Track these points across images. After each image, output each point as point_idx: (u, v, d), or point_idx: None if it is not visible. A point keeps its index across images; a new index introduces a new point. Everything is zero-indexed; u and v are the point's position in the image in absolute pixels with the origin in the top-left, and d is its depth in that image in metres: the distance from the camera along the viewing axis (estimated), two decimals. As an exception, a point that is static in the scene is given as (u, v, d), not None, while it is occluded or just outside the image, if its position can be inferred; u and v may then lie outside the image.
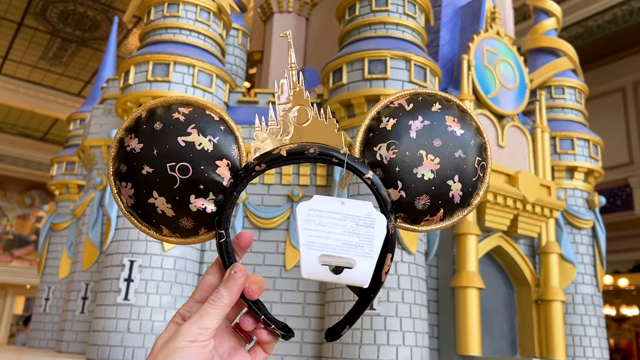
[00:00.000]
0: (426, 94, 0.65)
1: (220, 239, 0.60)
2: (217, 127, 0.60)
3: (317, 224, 0.57)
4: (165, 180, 0.58)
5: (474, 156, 0.62)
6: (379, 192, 0.60)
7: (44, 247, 5.16)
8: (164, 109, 0.61)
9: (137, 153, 0.59)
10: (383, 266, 0.60)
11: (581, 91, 4.74)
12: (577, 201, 4.40)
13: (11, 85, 12.03)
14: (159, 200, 0.58)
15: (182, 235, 0.61)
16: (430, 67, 3.41)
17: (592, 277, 4.27)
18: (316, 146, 0.60)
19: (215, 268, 0.60)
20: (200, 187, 0.58)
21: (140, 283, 3.15)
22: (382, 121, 0.61)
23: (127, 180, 0.59)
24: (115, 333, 3.07)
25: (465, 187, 0.61)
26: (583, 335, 4.07)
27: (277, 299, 3.36)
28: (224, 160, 0.59)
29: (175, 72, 3.39)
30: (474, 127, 0.64)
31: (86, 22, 9.84)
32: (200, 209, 0.59)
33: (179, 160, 0.58)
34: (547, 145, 4.16)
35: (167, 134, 0.58)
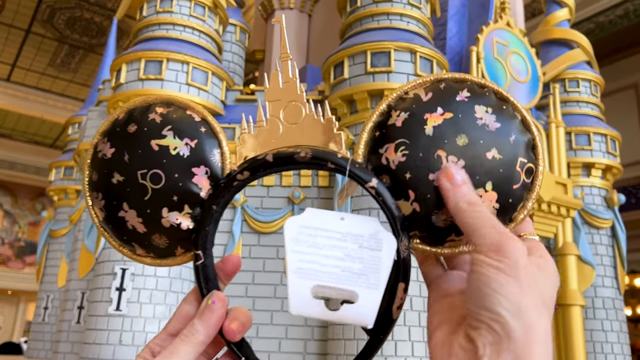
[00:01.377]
0: (452, 79, 0.52)
1: (197, 261, 0.52)
2: (196, 128, 0.53)
3: (310, 246, 0.48)
4: (136, 191, 0.51)
5: (514, 157, 0.49)
6: (385, 204, 0.49)
7: (43, 254, 5.04)
8: (142, 109, 0.54)
9: (108, 159, 0.53)
10: (394, 299, 0.49)
11: (597, 84, 4.52)
12: (595, 199, 4.18)
13: (21, 93, 12.09)
14: (129, 213, 0.52)
15: (157, 255, 0.54)
16: (437, 59, 3.22)
17: (612, 280, 4.04)
18: (308, 149, 0.51)
19: (193, 296, 0.52)
20: (174, 199, 0.51)
21: (133, 292, 2.98)
22: (392, 116, 0.51)
23: (98, 190, 0.53)
24: (107, 346, 2.91)
25: (503, 197, 0.48)
26: (604, 341, 3.85)
27: (277, 308, 3.18)
28: (202, 168, 0.52)
29: (169, 70, 3.23)
30: (518, 119, 0.51)
31: (93, 28, 9.85)
32: (174, 224, 0.51)
33: (150, 167, 0.51)
34: (562, 140, 3.95)
35: (141, 137, 0.52)
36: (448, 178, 0.46)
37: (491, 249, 0.42)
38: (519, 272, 0.40)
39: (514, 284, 0.40)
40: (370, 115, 0.52)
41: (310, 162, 0.51)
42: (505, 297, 0.39)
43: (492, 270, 0.41)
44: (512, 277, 0.40)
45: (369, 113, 3.18)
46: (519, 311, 0.39)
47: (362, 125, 2.95)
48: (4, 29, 9.94)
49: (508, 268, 0.40)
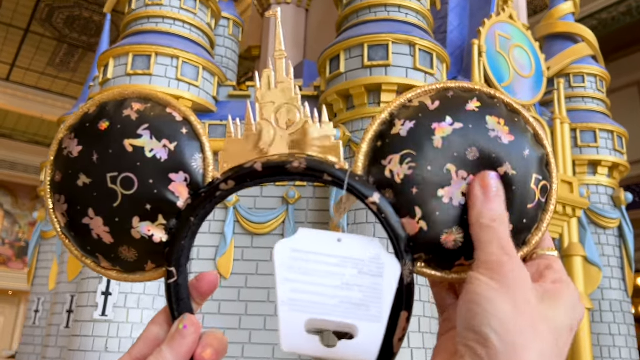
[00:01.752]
0: (460, 88, 0.48)
1: (169, 279, 0.46)
2: (177, 129, 0.47)
3: (303, 273, 0.43)
4: (104, 196, 0.46)
5: (529, 173, 0.45)
6: (388, 223, 0.45)
7: (34, 256, 4.93)
8: (116, 104, 0.48)
9: (74, 158, 0.47)
10: (396, 330, 0.44)
11: (602, 79, 4.39)
12: (602, 198, 4.05)
13: (20, 93, 12.06)
14: (95, 220, 0.46)
15: (124, 269, 0.48)
16: (437, 52, 3.09)
17: (620, 281, 3.91)
18: (302, 158, 0.46)
19: (163, 317, 0.47)
20: (147, 208, 0.45)
21: (120, 297, 2.86)
22: (395, 125, 0.46)
23: (60, 193, 0.48)
24: (92, 353, 2.79)
25: (515, 216, 0.44)
26: (612, 345, 3.72)
27: (271, 312, 3.05)
28: (180, 174, 0.46)
29: (158, 64, 3.11)
30: (531, 134, 0.47)
31: (92, 27, 9.81)
32: (146, 236, 0.46)
33: (122, 170, 0.46)
34: (567, 137, 3.82)
35: (113, 135, 0.46)
36: (483, 186, 0.43)
37: (489, 267, 0.39)
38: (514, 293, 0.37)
39: (507, 303, 0.36)
40: (371, 124, 0.47)
41: (304, 173, 0.46)
42: (494, 316, 0.36)
43: (484, 287, 0.38)
44: (505, 295, 0.37)
45: (366, 109, 3.06)
46: (508, 332, 0.35)
47: (359, 121, 2.81)
48: (3, 28, 9.88)
49: (503, 288, 0.37)
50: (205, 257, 3.12)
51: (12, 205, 14.02)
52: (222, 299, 3.05)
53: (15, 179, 13.85)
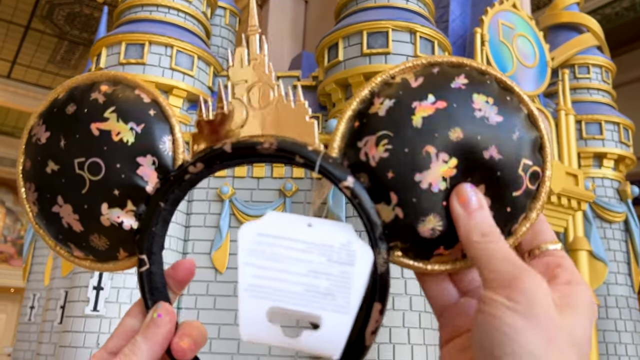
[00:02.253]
0: (447, 63, 0.44)
1: (141, 267, 0.44)
2: (144, 111, 0.45)
3: (267, 258, 0.40)
4: (72, 182, 0.44)
5: (518, 157, 0.41)
6: (363, 208, 0.42)
7: (29, 252, 4.86)
8: (84, 87, 0.46)
9: (42, 145, 0.45)
10: (368, 323, 0.41)
11: (608, 70, 4.30)
12: (607, 191, 3.96)
13: (21, 90, 12.04)
14: (64, 208, 0.44)
15: (97, 258, 0.46)
16: (438, 40, 3.00)
17: (626, 277, 3.83)
18: (273, 139, 0.43)
19: (138, 309, 0.45)
20: (115, 193, 0.44)
21: (112, 291, 2.79)
22: (374, 104, 0.43)
23: (31, 181, 0.46)
24: (83, 349, 2.71)
25: (497, 204, 0.41)
26: (618, 342, 3.64)
27: (268, 307, 2.98)
28: (148, 157, 0.44)
29: (151, 53, 3.03)
30: (524, 113, 0.43)
31: (93, 24, 9.77)
32: (115, 223, 0.44)
33: (89, 155, 0.44)
34: (572, 129, 3.73)
35: (80, 119, 0.44)
36: (461, 201, 0.40)
37: (503, 285, 0.36)
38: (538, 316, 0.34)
39: (534, 332, 0.34)
40: (349, 102, 0.45)
41: (275, 154, 0.44)
42: (522, 347, 0.33)
43: (504, 310, 0.35)
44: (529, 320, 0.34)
45: (365, 98, 2.98)
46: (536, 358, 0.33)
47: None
48: (3, 25, 9.85)
49: (524, 309, 0.34)
50: (200, 251, 3.04)
51: (14, 203, 14.03)
52: (217, 294, 2.97)
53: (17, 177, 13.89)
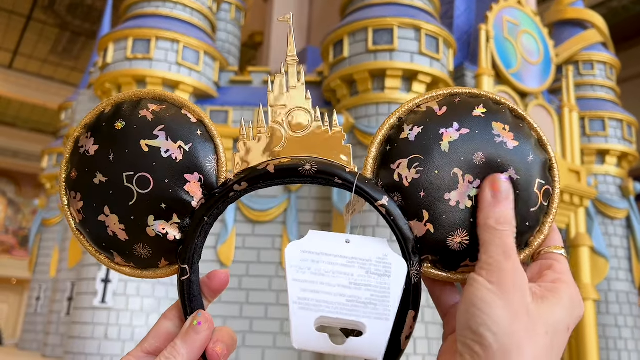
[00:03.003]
0: (466, 94, 0.49)
1: (183, 276, 0.47)
2: (192, 131, 0.48)
3: (313, 273, 0.45)
4: (120, 194, 0.47)
5: (533, 178, 0.46)
6: (397, 225, 0.47)
7: (35, 244, 4.90)
8: (131, 104, 0.49)
9: (91, 157, 0.48)
10: (403, 328, 0.46)
11: (612, 66, 4.30)
12: (610, 188, 3.98)
13: (23, 80, 12.00)
14: (110, 218, 0.47)
15: (138, 265, 0.49)
16: (443, 37, 3.01)
17: (627, 273, 3.85)
18: (314, 162, 0.48)
19: (174, 312, 0.48)
20: (162, 207, 0.47)
21: (119, 284, 2.82)
22: (404, 130, 0.48)
23: (76, 190, 0.48)
24: (92, 340, 2.75)
25: (520, 219, 0.45)
26: (618, 337, 3.67)
27: (273, 301, 3.01)
28: (195, 174, 0.47)
29: (158, 49, 3.05)
30: (535, 139, 0.48)
31: (94, 14, 9.74)
32: (160, 234, 0.47)
33: (138, 170, 0.47)
34: (575, 126, 3.75)
35: (129, 135, 0.47)
36: (493, 188, 0.44)
37: (488, 269, 0.40)
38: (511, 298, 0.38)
39: (503, 308, 0.38)
40: (380, 128, 0.49)
41: (315, 176, 0.47)
42: (490, 319, 0.38)
43: (482, 290, 0.39)
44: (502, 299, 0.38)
45: (370, 95, 2.99)
46: (504, 334, 0.37)
47: (363, 108, 2.75)
48: (5, 15, 9.81)
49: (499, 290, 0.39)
50: (206, 245, 3.07)
51: (16, 194, 14.02)
52: (223, 288, 3.01)
53: (18, 167, 13.84)
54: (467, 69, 3.44)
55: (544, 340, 0.37)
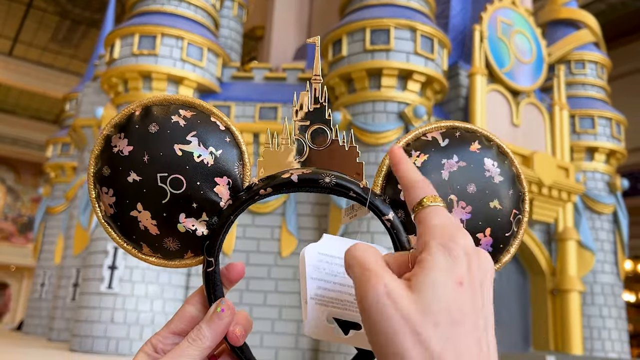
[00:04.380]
0: (464, 129, 0.57)
1: (209, 268, 0.52)
2: (221, 138, 0.52)
3: (327, 273, 0.50)
4: (154, 193, 0.51)
5: (510, 208, 0.55)
6: (398, 237, 0.52)
7: (40, 231, 5.02)
8: (162, 108, 0.53)
9: (125, 157, 0.51)
10: None
11: (603, 66, 4.42)
12: (598, 184, 4.11)
13: (23, 68, 11.96)
14: (143, 214, 0.51)
15: (164, 256, 0.53)
16: (438, 38, 3.13)
17: (612, 265, 3.99)
18: (333, 175, 0.52)
19: (197, 298, 0.53)
20: (193, 206, 0.51)
21: (125, 271, 2.95)
22: (412, 155, 0.54)
23: (108, 186, 0.52)
24: (99, 324, 2.89)
25: (495, 242, 0.54)
26: (602, 327, 3.81)
27: (272, 288, 3.15)
28: (224, 178, 0.52)
29: (163, 45, 3.15)
30: (514, 174, 0.56)
31: (95, 2, 9.73)
32: (190, 230, 0.51)
33: (172, 172, 0.50)
34: (565, 123, 3.87)
35: (163, 139, 0.51)
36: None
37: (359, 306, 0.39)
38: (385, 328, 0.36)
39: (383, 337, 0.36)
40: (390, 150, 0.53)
41: (334, 188, 0.52)
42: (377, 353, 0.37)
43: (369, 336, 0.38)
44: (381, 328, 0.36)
45: (367, 92, 3.11)
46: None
47: (360, 105, 2.87)
48: (5, 3, 9.81)
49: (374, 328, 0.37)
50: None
51: (15, 181, 14.00)
52: (223, 275, 3.14)
53: (18, 155, 13.82)
54: (461, 68, 3.56)
55: (437, 336, 0.35)
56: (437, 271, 0.37)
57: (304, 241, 3.20)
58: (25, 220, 14.29)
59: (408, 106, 3.04)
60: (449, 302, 0.36)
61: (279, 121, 3.35)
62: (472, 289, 0.37)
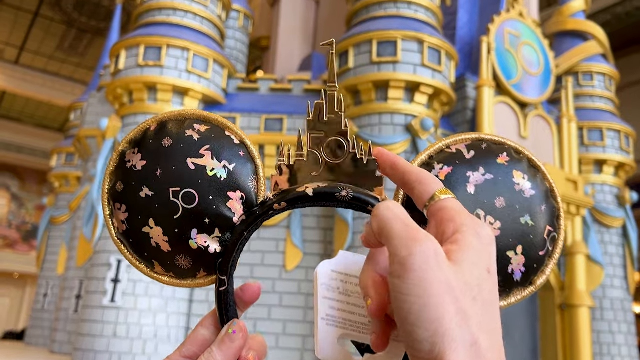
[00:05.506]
0: (492, 141, 0.53)
1: (221, 287, 0.50)
2: (235, 151, 0.51)
3: (340, 293, 0.48)
4: (166, 208, 0.50)
5: (544, 224, 0.51)
6: None
7: (43, 240, 5.00)
8: (177, 123, 0.52)
9: (138, 171, 0.51)
10: None
11: (611, 78, 4.38)
12: (606, 197, 4.06)
13: (29, 77, 12.03)
14: (155, 230, 0.50)
15: (177, 275, 0.52)
16: (445, 50, 3.10)
17: (622, 280, 3.93)
18: (350, 189, 0.50)
19: (210, 321, 0.51)
20: (206, 221, 0.49)
21: (128, 284, 2.92)
22: (435, 168, 0.51)
23: (121, 202, 0.51)
24: (101, 338, 2.85)
25: (529, 261, 0.50)
26: (612, 343, 3.75)
27: (276, 302, 3.11)
28: (237, 193, 0.50)
29: (168, 56, 3.14)
30: (547, 188, 0.52)
31: (101, 11, 9.81)
32: (202, 247, 0.50)
33: (184, 186, 0.49)
34: (574, 136, 3.83)
35: (176, 153, 0.50)
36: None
37: (399, 259, 0.36)
38: (431, 290, 0.34)
39: (428, 310, 0.34)
40: (412, 162, 0.51)
41: (351, 202, 0.49)
42: (421, 329, 0.34)
43: (406, 299, 0.35)
44: (425, 299, 0.34)
45: (373, 105, 3.08)
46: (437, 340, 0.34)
47: (366, 117, 2.84)
48: (12, 12, 9.88)
49: (417, 288, 0.35)
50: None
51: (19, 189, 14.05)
52: (228, 289, 3.10)
53: (23, 162, 13.88)
54: (468, 80, 3.53)
55: (475, 310, 0.35)
56: (474, 252, 0.37)
57: (310, 254, 3.16)
58: (30, 228, 14.33)
59: (415, 118, 3.01)
60: (482, 283, 0.36)
61: (285, 133, 3.32)
62: (495, 279, 0.37)
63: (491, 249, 0.38)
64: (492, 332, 0.35)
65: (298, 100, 3.43)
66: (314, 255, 3.16)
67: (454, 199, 0.42)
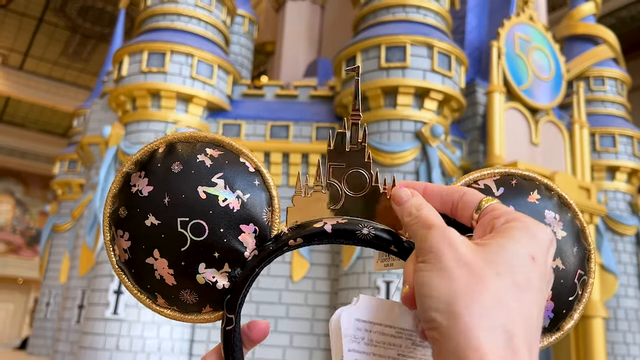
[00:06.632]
0: (522, 177, 0.51)
1: (228, 326, 0.47)
2: (250, 180, 0.48)
3: (366, 343, 0.45)
4: (173, 239, 0.46)
5: (575, 268, 0.48)
6: None
7: (46, 249, 4.95)
8: (187, 146, 0.49)
9: (144, 197, 0.48)
10: None
11: (623, 82, 4.30)
12: (619, 204, 3.97)
13: (33, 82, 12.08)
14: (159, 262, 0.47)
15: (181, 309, 0.49)
16: (455, 55, 3.03)
17: (636, 290, 3.85)
18: (371, 227, 0.47)
19: (214, 357, 0.48)
20: (215, 255, 0.46)
21: (131, 296, 2.85)
22: None
23: (124, 229, 0.48)
24: (104, 351, 2.78)
25: (558, 306, 0.47)
26: (626, 354, 3.66)
27: (282, 314, 3.03)
28: (251, 225, 0.47)
29: (172, 62, 3.08)
30: (578, 228, 0.50)
31: (105, 17, 9.82)
32: (210, 282, 0.47)
33: (194, 216, 0.46)
34: (585, 142, 3.75)
35: (186, 180, 0.47)
36: (395, 201, 0.45)
37: (419, 250, 0.39)
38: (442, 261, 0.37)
39: (438, 278, 0.36)
40: None
41: (372, 241, 0.47)
42: (431, 298, 0.36)
43: (421, 274, 0.37)
44: (436, 271, 0.36)
45: (382, 111, 3.01)
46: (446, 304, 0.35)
47: (374, 124, 2.77)
48: (16, 18, 9.91)
49: (432, 264, 0.37)
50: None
51: (24, 194, 14.09)
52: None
53: (27, 168, 13.93)
54: (478, 85, 3.46)
55: (497, 282, 0.35)
56: (510, 239, 0.37)
57: (317, 265, 3.09)
58: (34, 233, 14.39)
59: (425, 125, 2.94)
60: (514, 263, 0.35)
61: (291, 140, 3.25)
62: (543, 269, 0.36)
63: (549, 245, 0.38)
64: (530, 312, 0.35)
65: (304, 107, 3.37)
66: (321, 266, 3.09)
67: (498, 203, 0.42)
